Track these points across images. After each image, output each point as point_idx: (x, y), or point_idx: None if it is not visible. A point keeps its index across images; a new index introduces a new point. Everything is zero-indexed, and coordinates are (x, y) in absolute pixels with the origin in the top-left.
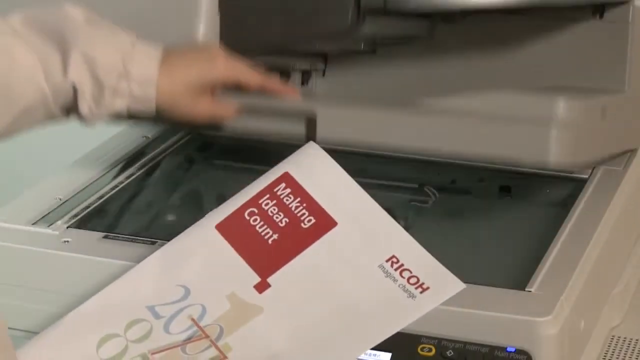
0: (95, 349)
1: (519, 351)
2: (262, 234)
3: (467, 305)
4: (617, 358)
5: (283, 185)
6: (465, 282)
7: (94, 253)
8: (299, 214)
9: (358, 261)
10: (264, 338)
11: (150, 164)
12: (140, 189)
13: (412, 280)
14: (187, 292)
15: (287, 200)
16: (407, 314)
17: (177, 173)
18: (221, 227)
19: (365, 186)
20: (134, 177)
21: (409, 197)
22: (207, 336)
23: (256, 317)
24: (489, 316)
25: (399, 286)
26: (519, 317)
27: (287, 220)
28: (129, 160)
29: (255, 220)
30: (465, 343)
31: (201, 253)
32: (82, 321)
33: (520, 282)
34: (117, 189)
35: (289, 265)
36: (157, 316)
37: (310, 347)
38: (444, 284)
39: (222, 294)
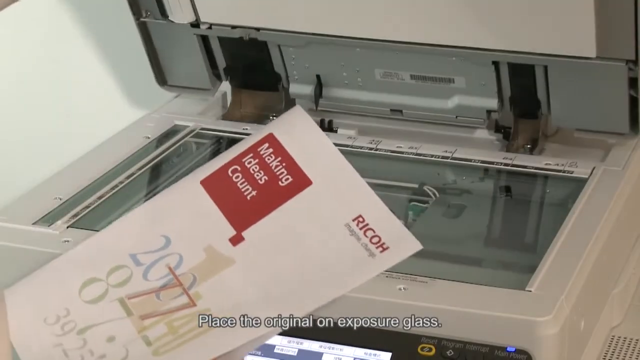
0: (78, 291)
1: (519, 351)
2: (242, 190)
3: (467, 305)
4: (617, 358)
5: (266, 145)
6: (465, 282)
7: None
8: (277, 173)
9: (326, 219)
10: (232, 288)
11: (151, 164)
12: (140, 189)
13: (375, 240)
14: (168, 241)
15: (268, 159)
16: (364, 272)
17: (177, 173)
18: (206, 183)
19: None
20: (134, 177)
21: (409, 197)
22: (180, 284)
23: (227, 268)
24: (489, 316)
25: (361, 245)
26: (519, 317)
27: (267, 179)
28: (129, 160)
29: (237, 177)
30: (465, 343)
31: (185, 206)
32: (68, 266)
33: (520, 282)
34: (117, 189)
35: (263, 221)
36: (138, 263)
37: (272, 298)
38: (403, 244)
39: (199, 246)
